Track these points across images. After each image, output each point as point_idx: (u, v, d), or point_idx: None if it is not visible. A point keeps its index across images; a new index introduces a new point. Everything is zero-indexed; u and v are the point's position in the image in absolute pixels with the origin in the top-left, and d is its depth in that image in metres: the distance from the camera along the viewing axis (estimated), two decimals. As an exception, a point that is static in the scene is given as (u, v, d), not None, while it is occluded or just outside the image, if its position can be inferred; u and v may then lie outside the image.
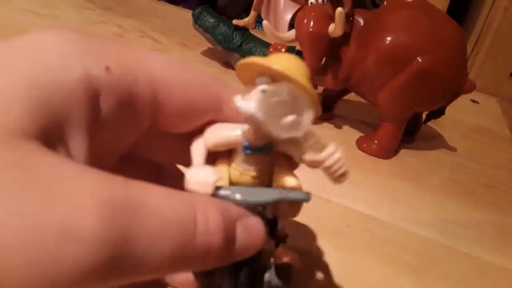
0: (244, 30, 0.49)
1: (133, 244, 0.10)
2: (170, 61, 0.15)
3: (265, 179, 0.16)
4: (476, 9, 0.65)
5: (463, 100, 0.44)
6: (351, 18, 0.36)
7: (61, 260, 0.09)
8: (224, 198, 0.14)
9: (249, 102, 0.14)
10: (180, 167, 0.20)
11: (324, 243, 0.26)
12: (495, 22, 0.61)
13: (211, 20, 0.49)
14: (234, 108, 0.14)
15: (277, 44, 0.38)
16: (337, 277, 0.24)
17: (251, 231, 0.14)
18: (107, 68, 0.13)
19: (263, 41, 0.49)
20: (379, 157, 0.39)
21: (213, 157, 0.17)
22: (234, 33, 0.48)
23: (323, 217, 0.29)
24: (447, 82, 0.37)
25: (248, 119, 0.14)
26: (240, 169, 0.16)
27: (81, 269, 0.10)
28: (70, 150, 0.12)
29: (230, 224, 0.13)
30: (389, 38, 0.35)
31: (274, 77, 0.14)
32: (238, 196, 0.14)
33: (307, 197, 0.15)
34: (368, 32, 0.36)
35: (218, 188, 0.14)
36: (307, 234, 0.27)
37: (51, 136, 0.11)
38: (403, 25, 0.36)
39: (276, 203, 0.15)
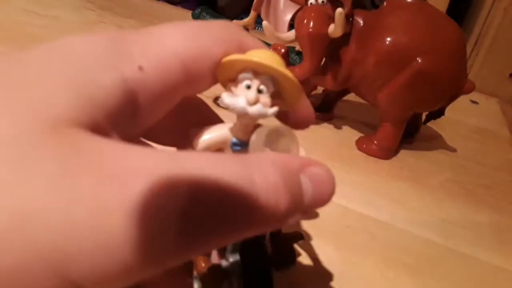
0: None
1: (199, 213, 0.10)
2: (188, 34, 0.14)
3: None
4: (475, 9, 0.65)
5: (462, 101, 0.44)
6: (350, 19, 0.36)
7: (132, 237, 0.09)
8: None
9: (237, 98, 0.14)
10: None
11: (324, 244, 0.26)
12: (495, 23, 0.61)
13: (211, 20, 0.49)
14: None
15: (277, 44, 0.38)
16: (336, 278, 0.24)
17: (317, 180, 0.13)
18: (140, 68, 0.13)
19: (263, 41, 0.49)
20: (378, 157, 0.39)
21: None
22: (233, 33, 0.48)
23: (323, 217, 0.29)
24: (446, 83, 0.37)
25: (239, 113, 0.15)
26: None
27: (152, 250, 0.10)
28: None
29: (292, 178, 0.12)
30: (388, 39, 0.35)
31: (256, 70, 0.14)
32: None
33: None
34: (368, 33, 0.36)
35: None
36: (306, 234, 0.27)
37: (97, 127, 0.11)
38: (403, 26, 0.36)
39: None
